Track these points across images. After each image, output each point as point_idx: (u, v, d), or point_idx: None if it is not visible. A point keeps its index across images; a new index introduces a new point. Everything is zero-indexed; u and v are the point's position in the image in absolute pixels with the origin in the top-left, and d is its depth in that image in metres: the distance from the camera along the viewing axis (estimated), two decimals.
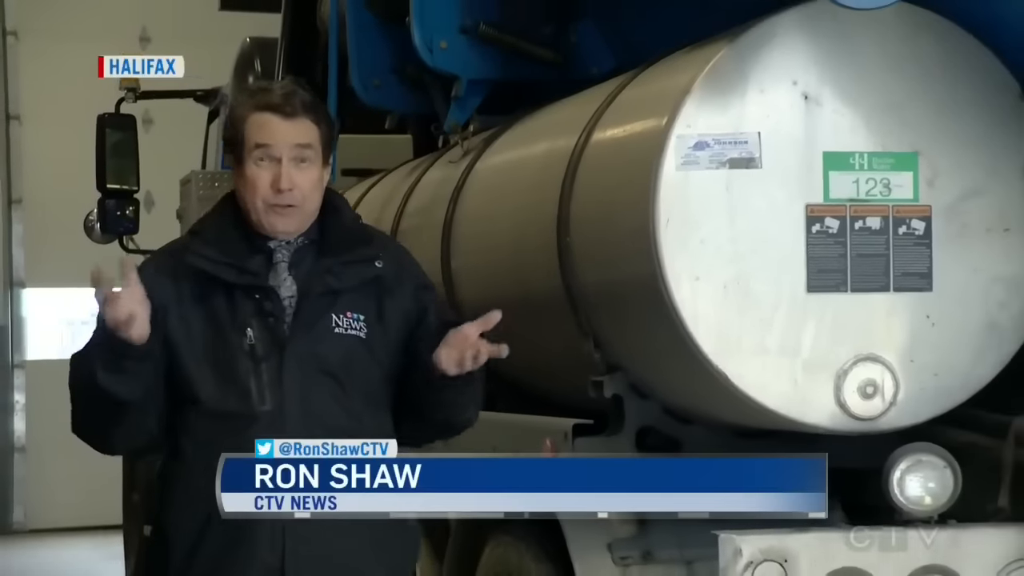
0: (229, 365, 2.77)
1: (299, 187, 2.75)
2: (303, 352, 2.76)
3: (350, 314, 2.78)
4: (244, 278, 2.77)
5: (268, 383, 2.75)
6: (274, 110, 2.76)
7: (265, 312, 2.76)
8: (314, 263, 2.80)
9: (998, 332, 3.04)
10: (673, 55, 3.28)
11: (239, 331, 2.76)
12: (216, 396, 2.76)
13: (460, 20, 4.37)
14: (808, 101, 3.00)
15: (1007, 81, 3.03)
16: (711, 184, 2.98)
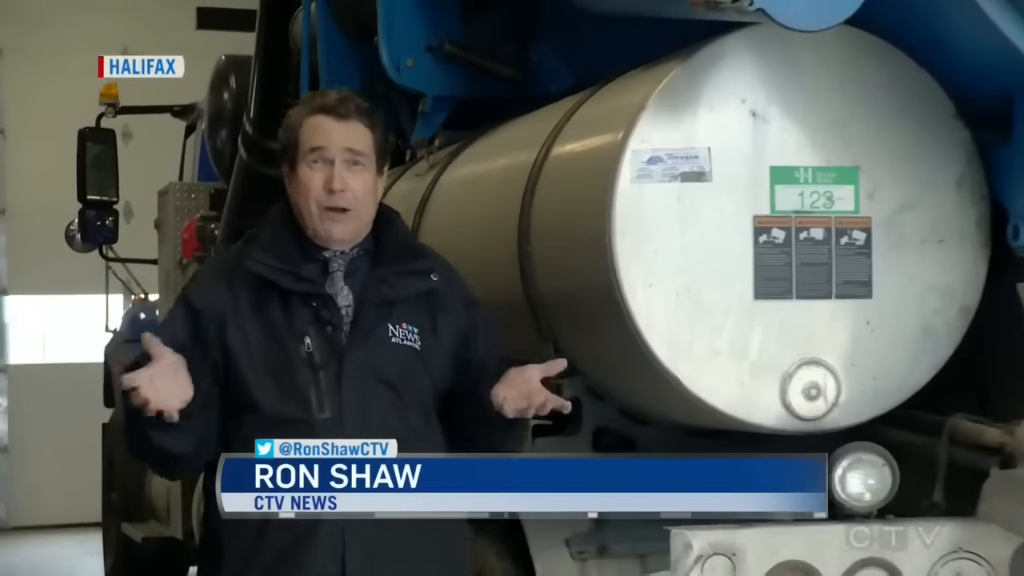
0: (287, 373, 2.66)
1: (351, 189, 2.66)
2: (361, 361, 2.66)
3: (405, 325, 2.70)
4: (301, 285, 2.67)
5: (327, 391, 2.65)
6: (328, 112, 2.69)
7: (323, 320, 2.67)
8: (369, 273, 2.72)
9: (933, 337, 3.06)
10: (628, 74, 3.29)
11: (296, 339, 2.66)
12: (274, 403, 2.65)
13: (426, 40, 4.37)
14: (756, 118, 3.01)
15: (942, 100, 3.06)
16: (664, 197, 2.98)
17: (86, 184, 8.80)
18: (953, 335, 3.07)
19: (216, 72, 7.38)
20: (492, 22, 4.36)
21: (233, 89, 7.09)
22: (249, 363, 2.66)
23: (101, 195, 8.82)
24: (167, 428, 2.54)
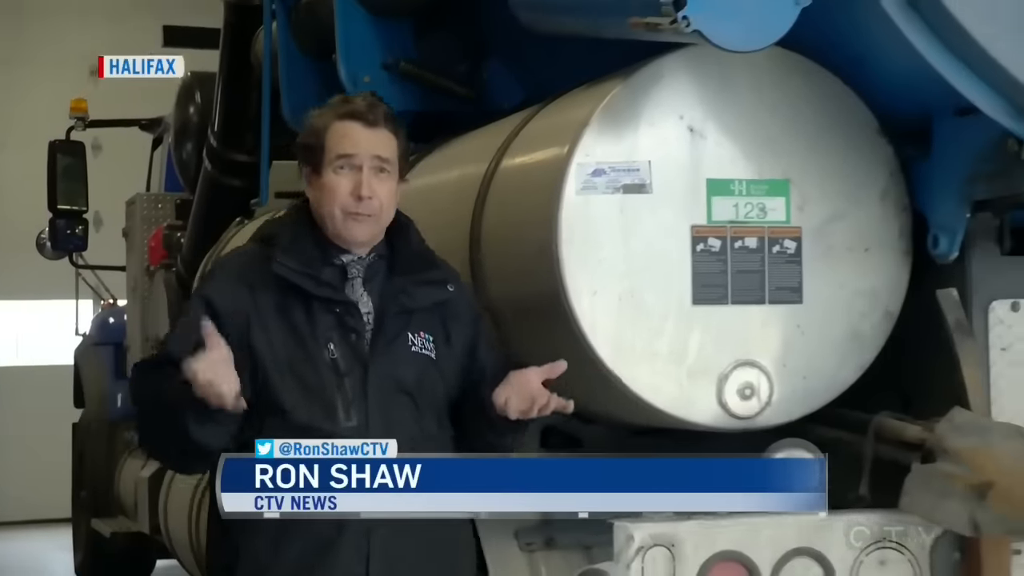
0: (313, 378, 2.57)
1: (378, 196, 2.60)
2: (385, 370, 2.59)
3: (423, 334, 2.64)
4: (323, 290, 2.59)
5: (352, 400, 2.57)
6: (358, 119, 2.61)
7: (347, 327, 2.59)
8: (387, 280, 2.65)
9: (860, 340, 3.08)
10: (573, 91, 3.30)
11: (320, 344, 2.58)
12: (302, 409, 2.56)
13: (382, 58, 4.36)
14: (693, 134, 3.02)
15: (867, 118, 3.08)
16: (607, 207, 2.99)
17: (56, 194, 8.78)
18: (878, 338, 3.10)
19: (182, 87, 7.36)
20: (445, 42, 4.36)
21: (198, 103, 7.08)
22: (275, 367, 2.56)
23: (71, 205, 8.82)
24: (208, 421, 2.45)
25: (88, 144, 9.22)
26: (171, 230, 7.39)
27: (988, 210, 3.02)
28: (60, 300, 11.21)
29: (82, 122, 9.08)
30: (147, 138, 9.37)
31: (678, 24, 2.69)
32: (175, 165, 7.60)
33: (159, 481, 7.41)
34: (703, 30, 2.70)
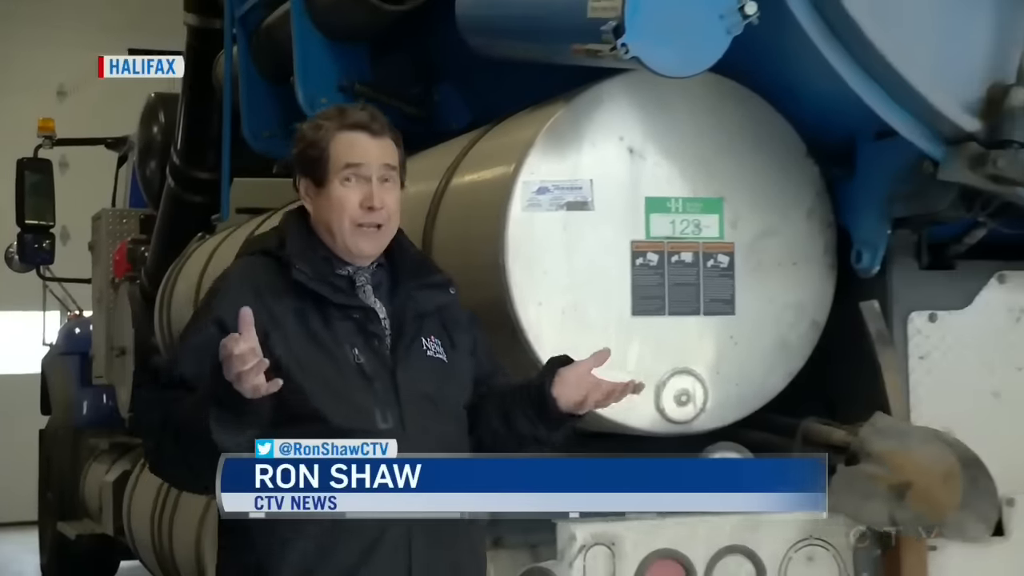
0: (341, 384, 2.42)
1: (387, 206, 2.45)
2: (411, 375, 2.46)
3: (433, 339, 2.52)
4: (340, 297, 2.44)
5: (385, 404, 2.42)
6: (363, 129, 2.46)
7: (369, 333, 2.45)
8: (393, 287, 2.52)
9: (788, 349, 3.10)
10: (519, 113, 3.31)
11: (344, 350, 2.42)
12: (339, 413, 2.39)
13: (338, 80, 4.35)
14: (632, 154, 3.04)
15: (795, 140, 3.11)
16: (551, 224, 3.00)
17: (24, 210, 8.72)
18: (805, 347, 3.12)
19: (146, 108, 7.35)
20: (399, 65, 4.36)
21: (162, 123, 7.05)
22: (303, 374, 2.38)
23: (39, 220, 8.76)
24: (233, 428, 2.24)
25: (55, 162, 9.19)
26: (135, 244, 7.36)
27: (907, 227, 3.06)
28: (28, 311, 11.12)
29: (49, 140, 9.03)
30: (112, 156, 9.30)
31: (617, 51, 2.70)
32: (139, 182, 7.56)
33: (123, 485, 7.36)
34: (641, 56, 2.72)
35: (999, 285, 3.15)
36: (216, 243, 5.71)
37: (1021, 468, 3.04)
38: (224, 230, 5.78)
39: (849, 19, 2.82)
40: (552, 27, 3.02)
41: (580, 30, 2.82)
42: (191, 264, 5.89)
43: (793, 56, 2.94)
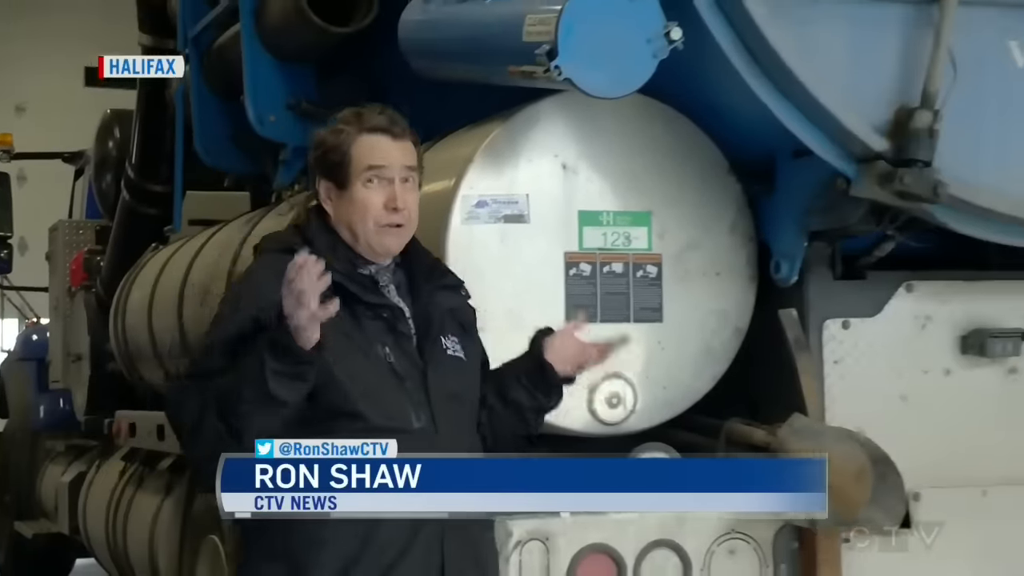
0: (375, 381, 2.34)
1: (408, 206, 2.39)
2: (439, 373, 2.41)
3: (452, 337, 2.46)
4: (369, 295, 2.38)
5: (417, 403, 2.36)
6: (384, 132, 2.40)
7: (398, 332, 2.39)
8: (411, 287, 2.45)
9: (712, 354, 3.12)
10: (459, 131, 3.31)
11: (375, 348, 2.35)
12: (373, 410, 2.32)
13: (286, 98, 4.34)
14: (566, 170, 3.05)
15: (719, 158, 3.13)
16: (490, 236, 3.01)
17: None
18: (729, 352, 3.14)
19: (102, 123, 7.28)
20: (345, 85, 4.34)
21: (117, 138, 6.99)
22: (341, 372, 2.29)
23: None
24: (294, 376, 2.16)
25: (14, 175, 9.10)
26: (91, 254, 7.27)
27: (822, 240, 3.09)
28: None
29: (7, 154, 8.93)
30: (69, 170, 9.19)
31: (551, 72, 2.71)
32: (95, 195, 7.48)
33: (78, 485, 7.26)
34: (573, 78, 2.73)
35: (907, 294, 3.19)
36: (169, 253, 5.66)
37: (927, 465, 3.08)
38: (177, 241, 5.72)
39: (769, 47, 2.85)
40: (490, 50, 3.03)
41: (516, 53, 2.84)
42: (145, 273, 5.84)
43: (716, 80, 2.97)
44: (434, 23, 3.34)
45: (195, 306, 4.89)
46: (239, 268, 4.48)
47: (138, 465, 6.19)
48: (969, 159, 2.96)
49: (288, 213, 4.24)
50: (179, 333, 5.06)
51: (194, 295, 4.90)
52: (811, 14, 2.92)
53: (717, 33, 2.88)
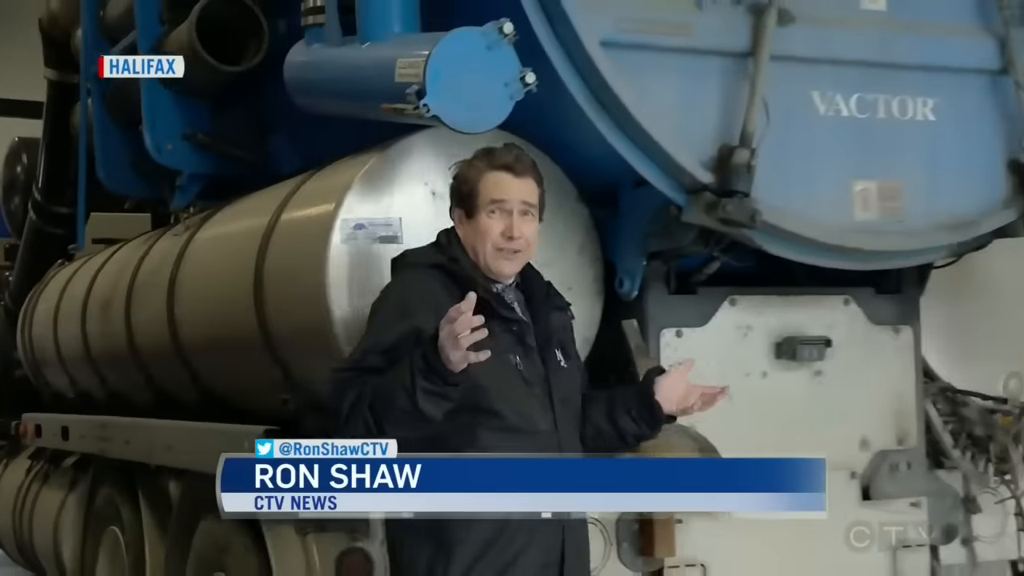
0: (507, 387, 2.37)
1: (524, 236, 2.45)
2: (560, 382, 2.45)
3: (561, 351, 2.50)
4: (504, 310, 2.42)
5: (543, 407, 2.40)
6: (507, 169, 2.46)
7: (526, 344, 2.43)
8: (529, 305, 2.50)
9: None
10: (340, 160, 3.27)
11: (507, 358, 2.38)
12: (510, 412, 2.35)
13: (182, 129, 4.25)
14: (435, 196, 3.02)
15: (569, 187, 3.14)
16: (367, 255, 2.97)
17: None
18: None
19: (10, 150, 7.10)
20: (237, 118, 4.28)
21: (25, 164, 6.80)
22: (481, 375, 2.29)
23: None
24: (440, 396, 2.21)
25: None
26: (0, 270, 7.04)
27: (659, 259, 3.13)
28: None
29: None
30: None
31: (420, 110, 2.71)
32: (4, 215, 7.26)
33: None
34: (439, 115, 2.73)
35: (731, 307, 3.25)
36: (73, 269, 5.53)
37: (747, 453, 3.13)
38: (81, 258, 5.59)
39: (613, 94, 2.89)
40: (365, 89, 3.00)
41: (389, 92, 2.82)
42: (50, 288, 5.70)
43: (567, 119, 2.98)
44: (316, 64, 3.31)
45: (97, 317, 4.78)
46: (139, 284, 4.39)
47: (43, 463, 6.08)
48: (780, 191, 3.03)
49: (183, 233, 4.17)
50: (83, 342, 4.94)
51: (96, 307, 4.80)
52: (648, 66, 2.96)
53: (567, 80, 2.90)
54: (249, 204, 3.86)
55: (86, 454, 5.26)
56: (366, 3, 3.06)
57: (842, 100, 3.13)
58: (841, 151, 3.14)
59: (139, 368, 4.37)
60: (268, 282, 3.31)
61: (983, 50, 3.26)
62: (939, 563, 3.37)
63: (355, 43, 3.10)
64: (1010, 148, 3.27)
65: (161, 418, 4.21)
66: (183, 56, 3.97)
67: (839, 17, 3.13)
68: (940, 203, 3.22)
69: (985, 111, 3.28)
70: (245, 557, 3.48)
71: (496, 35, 2.73)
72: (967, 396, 3.37)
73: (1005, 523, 3.41)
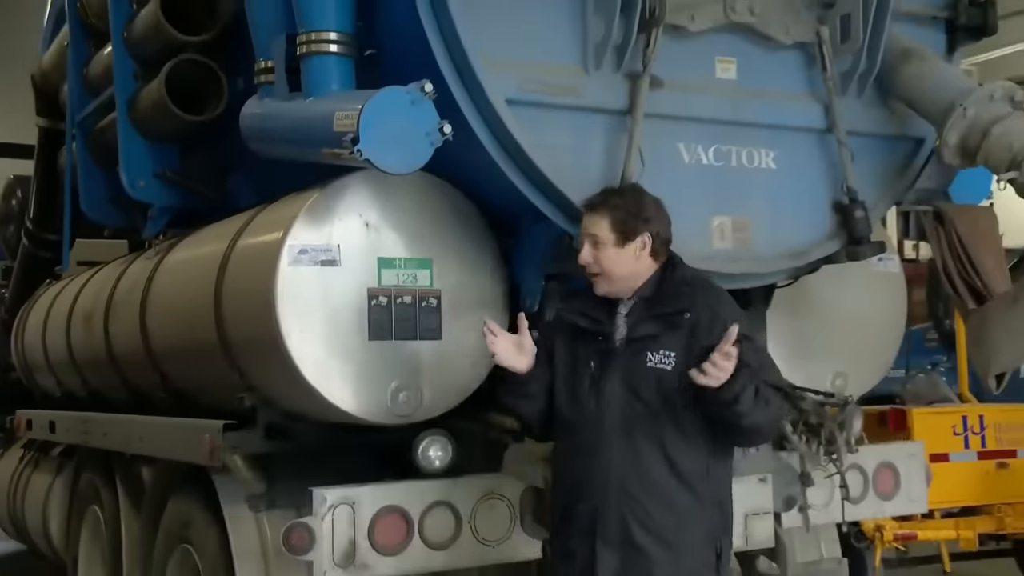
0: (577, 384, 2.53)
1: (595, 262, 2.52)
2: (621, 376, 2.46)
3: (663, 352, 2.43)
4: (590, 324, 2.54)
5: (598, 395, 2.48)
6: (587, 207, 2.58)
7: (603, 350, 2.50)
8: (639, 314, 2.50)
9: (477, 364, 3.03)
10: (287, 196, 3.19)
11: (585, 363, 2.52)
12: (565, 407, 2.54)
13: (154, 168, 4.13)
14: (369, 227, 2.97)
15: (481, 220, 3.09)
16: (311, 276, 2.89)
17: None
18: (488, 363, 3.00)
19: (6, 186, 6.90)
20: (201, 159, 4.17)
21: (19, 198, 6.61)
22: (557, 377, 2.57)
23: None
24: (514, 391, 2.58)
25: None
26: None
27: (555, 280, 3.08)
28: None
29: None
30: None
31: (354, 154, 2.66)
32: (1, 242, 7.00)
33: None
34: (371, 159, 2.68)
35: None
36: (60, 287, 5.35)
37: None
38: (66, 278, 5.42)
39: (517, 144, 2.86)
40: (308, 137, 2.93)
41: (328, 139, 2.77)
42: (40, 303, 5.51)
43: (478, 163, 2.94)
44: (267, 115, 3.23)
45: (80, 328, 4.61)
46: (116, 299, 4.23)
47: (34, 452, 5.98)
48: None
49: (154, 256, 4.03)
50: (68, 349, 4.77)
51: (80, 319, 4.64)
52: (545, 121, 2.93)
53: (478, 131, 2.86)
54: (211, 232, 3.75)
55: (70, 445, 5.13)
56: (309, 66, 3.01)
57: (702, 151, 3.14)
58: (702, 192, 3.14)
59: (116, 371, 4.23)
60: (226, 298, 3.21)
61: (813, 113, 3.30)
62: (781, 527, 3.39)
63: (300, 98, 3.04)
64: (834, 192, 3.31)
65: (135, 414, 4.09)
66: (154, 107, 3.90)
67: (699, 84, 3.15)
68: (781, 236, 3.25)
69: (814, 162, 3.31)
70: (206, 531, 3.39)
71: (419, 93, 2.70)
72: (803, 392, 3.40)
73: (832, 494, 3.45)
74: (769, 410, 2.41)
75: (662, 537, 2.39)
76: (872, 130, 3.40)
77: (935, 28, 3.52)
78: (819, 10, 3.27)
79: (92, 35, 4.70)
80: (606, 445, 2.43)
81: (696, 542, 2.43)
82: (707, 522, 2.46)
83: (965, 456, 5.19)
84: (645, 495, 2.41)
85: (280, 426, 3.14)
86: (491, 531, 2.99)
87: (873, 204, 3.35)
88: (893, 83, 3.35)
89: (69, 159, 5.08)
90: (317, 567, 2.81)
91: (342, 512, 2.84)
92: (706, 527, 2.46)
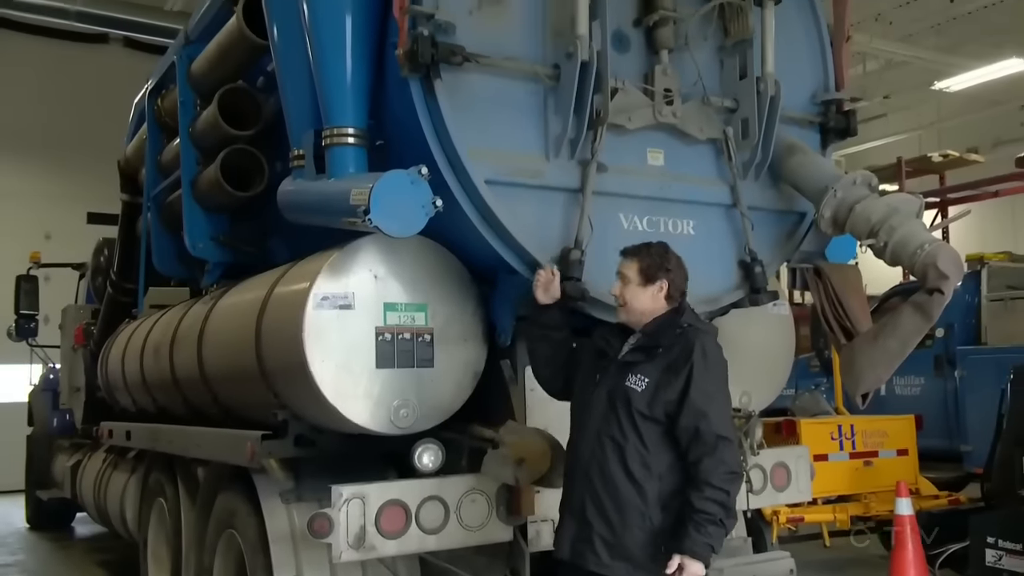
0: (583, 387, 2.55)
1: (621, 295, 2.52)
2: (606, 390, 2.45)
3: (639, 376, 2.40)
4: (606, 346, 2.55)
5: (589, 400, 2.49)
6: (622, 252, 2.57)
7: (607, 369, 2.49)
8: (635, 344, 2.49)
9: (462, 387, 2.97)
10: (314, 254, 3.10)
11: (594, 374, 2.52)
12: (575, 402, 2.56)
13: (211, 233, 4.06)
14: (377, 279, 2.88)
15: (465, 273, 3.02)
16: (331, 317, 2.80)
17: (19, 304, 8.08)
18: (471, 385, 3.00)
19: (96, 246, 6.85)
20: (247, 225, 4.09)
21: (105, 254, 6.55)
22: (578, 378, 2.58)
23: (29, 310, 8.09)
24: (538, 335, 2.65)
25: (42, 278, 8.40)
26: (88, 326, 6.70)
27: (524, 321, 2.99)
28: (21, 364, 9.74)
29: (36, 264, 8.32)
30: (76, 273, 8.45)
31: (366, 222, 2.62)
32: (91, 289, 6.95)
33: (77, 468, 6.73)
34: (380, 226, 2.64)
35: None
36: (136, 325, 5.18)
37: None
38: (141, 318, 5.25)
39: (494, 215, 2.80)
40: (330, 209, 2.86)
41: (346, 210, 2.71)
42: (120, 337, 5.35)
43: (463, 228, 2.88)
44: (298, 191, 3.15)
45: (151, 357, 4.47)
46: (179, 335, 4.09)
47: (114, 455, 5.84)
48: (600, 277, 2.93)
49: (210, 301, 3.91)
50: (141, 374, 4.62)
51: (151, 351, 4.49)
52: (516, 197, 2.88)
53: (463, 205, 2.81)
54: (253, 282, 3.64)
55: (142, 450, 4.96)
56: (331, 154, 2.96)
57: (638, 220, 3.10)
58: None
59: (178, 391, 4.09)
60: (265, 334, 3.09)
61: (722, 192, 3.29)
62: None
63: (324, 178, 2.98)
64: (739, 253, 3.29)
65: (193, 425, 3.95)
66: (211, 186, 3.85)
67: (635, 169, 3.13)
68: (699, 286, 3.18)
69: (724, 230, 3.29)
70: (248, 519, 3.26)
71: (417, 175, 2.67)
72: None
73: None
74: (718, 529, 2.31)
75: (606, 517, 2.39)
76: (766, 206, 3.40)
77: (812, 129, 3.58)
78: (725, 114, 3.31)
79: (165, 130, 4.68)
80: (584, 440, 2.46)
81: (633, 529, 2.37)
82: (649, 518, 2.37)
83: (840, 456, 5.20)
84: (600, 483, 2.41)
85: (307, 436, 3.04)
86: (473, 519, 2.88)
87: (768, 262, 3.33)
88: (781, 170, 3.37)
89: (145, 225, 5.01)
90: (335, 548, 2.71)
91: (355, 504, 2.73)
92: (649, 522, 2.37)
